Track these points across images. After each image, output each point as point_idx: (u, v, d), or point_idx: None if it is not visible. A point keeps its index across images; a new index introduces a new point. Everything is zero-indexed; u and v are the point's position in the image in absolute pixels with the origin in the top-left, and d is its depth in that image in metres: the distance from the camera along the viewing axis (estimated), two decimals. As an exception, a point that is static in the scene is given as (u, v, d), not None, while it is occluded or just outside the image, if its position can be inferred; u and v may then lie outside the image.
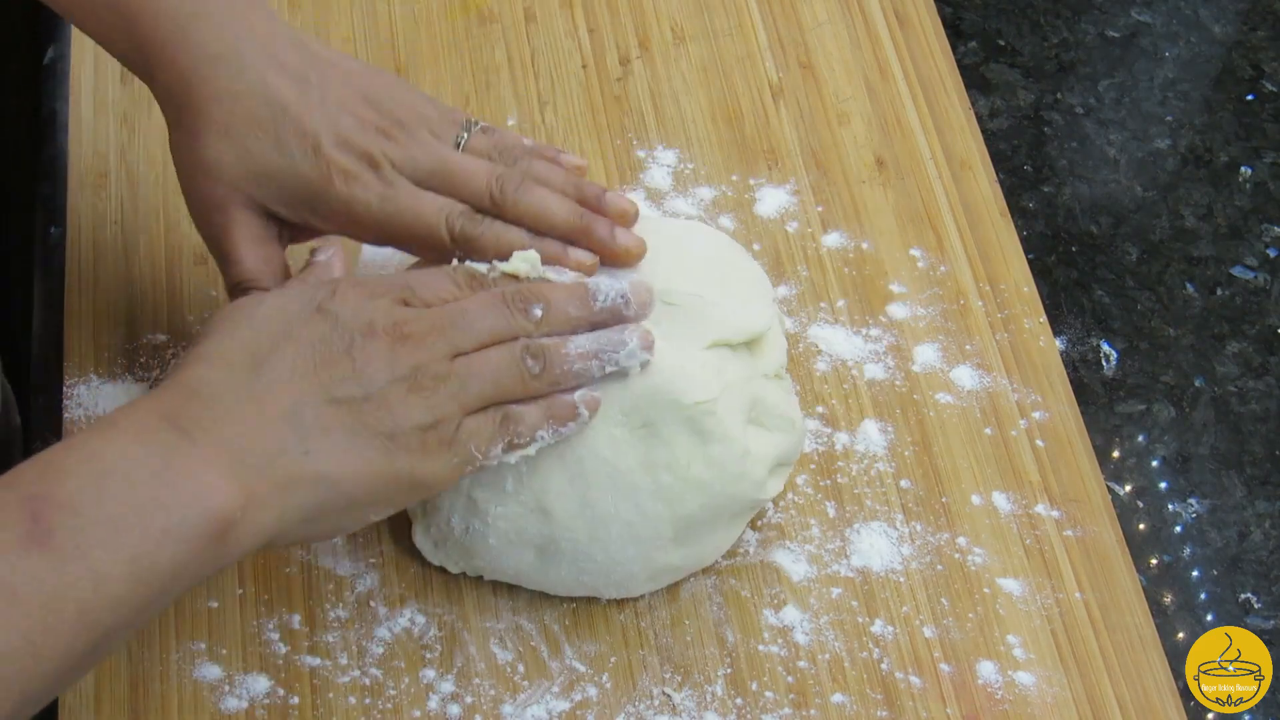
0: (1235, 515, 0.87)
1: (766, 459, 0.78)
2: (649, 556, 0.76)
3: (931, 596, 0.79)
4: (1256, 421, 0.91)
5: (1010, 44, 1.05)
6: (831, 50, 0.98)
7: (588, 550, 0.75)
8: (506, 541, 0.75)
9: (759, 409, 0.78)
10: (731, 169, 0.93)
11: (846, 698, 0.76)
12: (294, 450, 0.64)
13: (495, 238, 0.74)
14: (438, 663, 0.76)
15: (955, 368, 0.86)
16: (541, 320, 0.71)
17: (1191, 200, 1.00)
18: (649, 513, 0.74)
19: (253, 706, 0.74)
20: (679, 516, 0.75)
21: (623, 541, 0.75)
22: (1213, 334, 0.94)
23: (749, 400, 0.77)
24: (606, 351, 0.72)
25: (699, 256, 0.80)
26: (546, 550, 0.76)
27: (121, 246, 0.88)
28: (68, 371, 0.83)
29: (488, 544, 0.75)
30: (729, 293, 0.78)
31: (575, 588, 0.77)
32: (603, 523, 0.74)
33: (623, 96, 0.96)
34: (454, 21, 0.98)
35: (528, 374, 0.70)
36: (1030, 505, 0.82)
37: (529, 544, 0.75)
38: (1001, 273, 0.90)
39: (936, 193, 0.93)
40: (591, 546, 0.75)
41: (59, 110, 0.93)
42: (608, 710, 0.75)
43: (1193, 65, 1.05)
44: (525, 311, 0.71)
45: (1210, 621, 0.84)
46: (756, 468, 0.77)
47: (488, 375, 0.69)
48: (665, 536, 0.75)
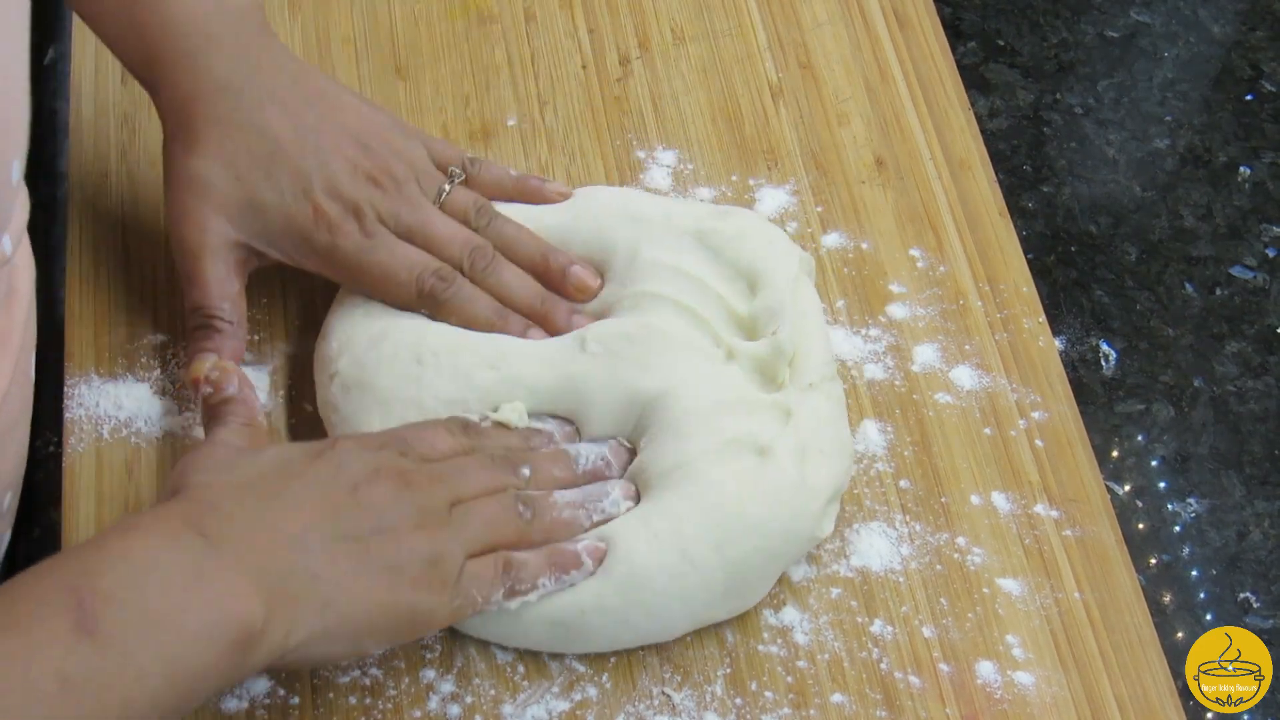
0: (1234, 515, 0.87)
1: (823, 490, 0.76)
2: (694, 614, 0.75)
3: (931, 596, 0.79)
4: (1256, 421, 0.91)
5: (1010, 44, 1.05)
6: (831, 50, 0.98)
7: (623, 614, 0.74)
8: (518, 614, 0.73)
9: (806, 431, 0.77)
10: (731, 169, 0.93)
11: (846, 697, 0.76)
12: (303, 574, 0.65)
13: (463, 304, 0.79)
14: (438, 663, 0.76)
15: (955, 368, 0.86)
16: (529, 481, 0.74)
17: (1191, 200, 1.00)
18: (697, 560, 0.74)
19: (253, 706, 0.74)
20: (730, 562, 0.74)
21: (666, 598, 0.74)
22: (1212, 334, 0.94)
23: (791, 420, 0.76)
24: (592, 502, 0.75)
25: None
26: (569, 623, 0.74)
27: (121, 246, 0.88)
28: (68, 371, 0.83)
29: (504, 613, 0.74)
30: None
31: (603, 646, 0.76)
32: (641, 580, 0.73)
33: (623, 97, 0.96)
34: (454, 21, 0.98)
35: (521, 520, 0.73)
36: (1029, 505, 0.82)
37: (543, 619, 0.74)
38: (1001, 273, 0.90)
39: (936, 193, 0.93)
40: (628, 610, 0.74)
41: (59, 110, 0.94)
42: (608, 710, 0.75)
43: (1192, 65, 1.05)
44: (514, 471, 0.74)
45: (1210, 621, 0.84)
46: (813, 501, 0.76)
47: (486, 518, 0.71)
48: (716, 590, 0.74)
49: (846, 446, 0.79)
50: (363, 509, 0.68)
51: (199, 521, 0.64)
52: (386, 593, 0.67)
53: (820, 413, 0.78)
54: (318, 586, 0.65)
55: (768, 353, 0.78)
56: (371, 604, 0.67)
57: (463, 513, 0.71)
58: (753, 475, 0.75)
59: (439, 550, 0.69)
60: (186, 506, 0.65)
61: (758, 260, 0.81)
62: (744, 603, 0.77)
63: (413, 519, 0.69)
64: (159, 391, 0.83)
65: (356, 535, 0.67)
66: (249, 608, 0.62)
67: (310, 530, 0.66)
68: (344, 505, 0.68)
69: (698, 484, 0.74)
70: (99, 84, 0.94)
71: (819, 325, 0.81)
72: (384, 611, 0.67)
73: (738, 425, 0.75)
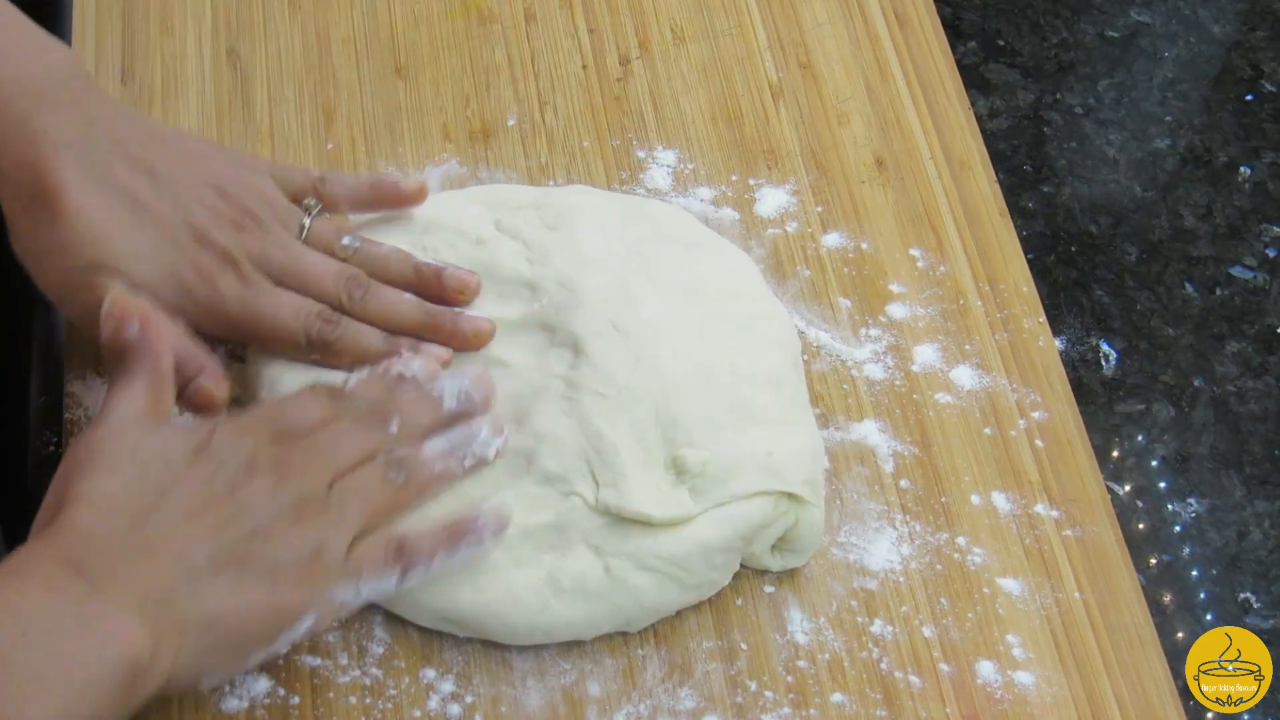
0: (1234, 515, 0.87)
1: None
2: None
3: (931, 596, 0.79)
4: (1256, 421, 0.91)
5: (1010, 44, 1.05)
6: (831, 50, 0.98)
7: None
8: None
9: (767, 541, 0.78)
10: (731, 169, 0.93)
11: (846, 697, 0.76)
12: (184, 594, 0.65)
13: (352, 342, 0.78)
14: (438, 663, 0.76)
15: (955, 368, 0.86)
16: (399, 433, 0.74)
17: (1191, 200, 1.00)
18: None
19: (253, 706, 0.74)
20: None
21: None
22: (1212, 334, 0.94)
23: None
24: (461, 446, 0.75)
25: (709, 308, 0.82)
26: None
27: (122, 246, 0.88)
28: (68, 371, 0.83)
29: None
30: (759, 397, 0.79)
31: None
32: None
33: (623, 96, 0.96)
34: (454, 21, 0.98)
35: (394, 485, 0.72)
36: (1030, 505, 0.82)
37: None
38: (1001, 273, 0.90)
39: (936, 193, 0.93)
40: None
41: (59, 110, 0.93)
42: (608, 709, 0.75)
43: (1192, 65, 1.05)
44: (383, 428, 0.74)
45: (1210, 621, 0.84)
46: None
47: (360, 495, 0.71)
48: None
49: (807, 548, 0.79)
50: (241, 512, 0.68)
51: (77, 558, 0.63)
52: (268, 596, 0.67)
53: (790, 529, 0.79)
54: (200, 604, 0.65)
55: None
56: (254, 610, 0.67)
57: (340, 493, 0.70)
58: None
59: (320, 541, 0.69)
60: (62, 540, 0.64)
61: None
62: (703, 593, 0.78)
63: (291, 512, 0.69)
64: (159, 391, 0.83)
65: (236, 542, 0.67)
66: (135, 644, 0.62)
67: (191, 545, 0.66)
68: (224, 511, 0.67)
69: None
70: (99, 84, 0.93)
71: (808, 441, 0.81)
72: (267, 615, 0.67)
73: None
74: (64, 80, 0.75)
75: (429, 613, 0.75)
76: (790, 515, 0.77)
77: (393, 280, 0.81)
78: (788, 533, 0.78)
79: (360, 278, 0.79)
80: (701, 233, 0.87)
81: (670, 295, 0.82)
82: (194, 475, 0.68)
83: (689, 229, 0.87)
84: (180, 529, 0.66)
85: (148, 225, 0.74)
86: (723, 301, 0.83)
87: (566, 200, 0.86)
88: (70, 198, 0.72)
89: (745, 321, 0.82)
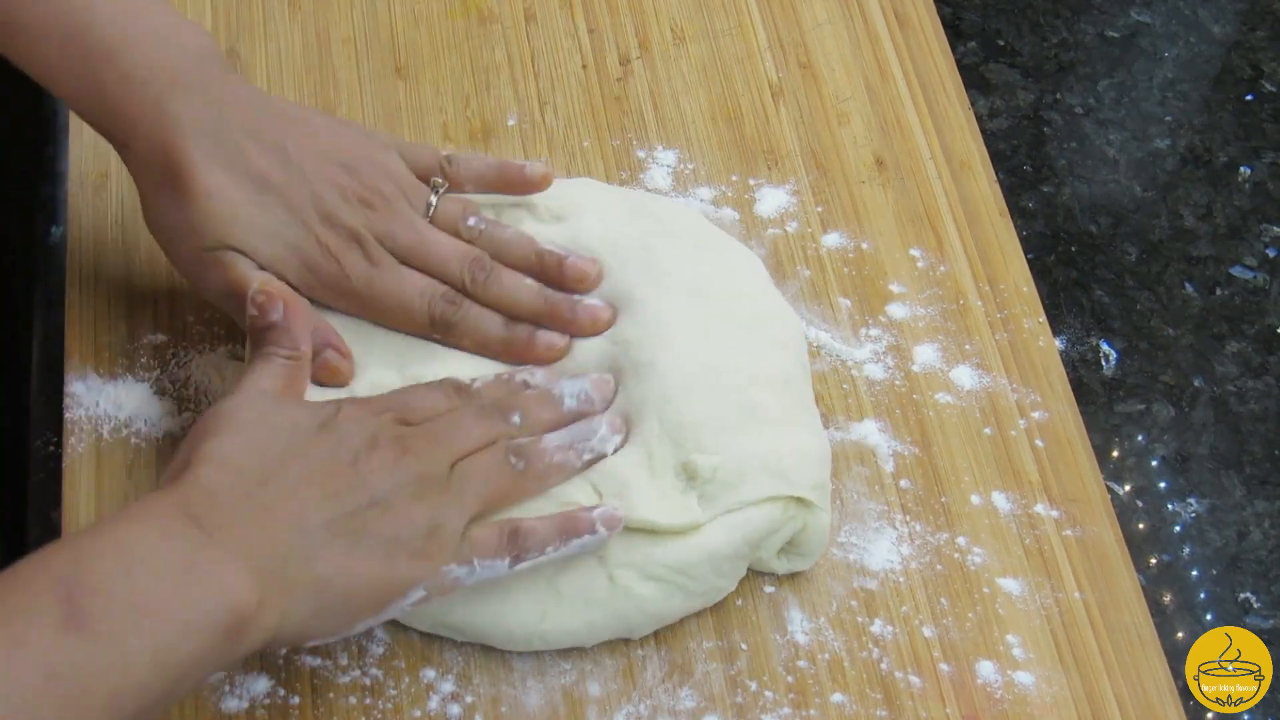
0: (1234, 515, 0.87)
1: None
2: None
3: (931, 596, 0.79)
4: (1256, 421, 0.91)
5: (1010, 44, 1.05)
6: (831, 50, 0.98)
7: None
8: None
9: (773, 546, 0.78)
10: (731, 169, 0.93)
11: (846, 697, 0.76)
12: (298, 556, 0.66)
13: (473, 325, 0.80)
14: (438, 663, 0.76)
15: (955, 368, 0.86)
16: (520, 426, 0.75)
17: (1191, 200, 1.00)
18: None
19: (253, 706, 0.74)
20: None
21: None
22: (1212, 334, 0.94)
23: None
24: (580, 441, 0.76)
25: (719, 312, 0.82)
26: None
27: (121, 246, 0.88)
28: (68, 371, 0.83)
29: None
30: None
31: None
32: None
33: (623, 96, 0.96)
34: (454, 21, 0.98)
35: (514, 472, 0.73)
36: (1030, 505, 0.82)
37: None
38: (1001, 273, 0.90)
39: (936, 193, 0.93)
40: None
41: (59, 110, 0.93)
42: (608, 710, 0.75)
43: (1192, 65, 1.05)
44: (505, 419, 0.75)
45: (1210, 621, 0.84)
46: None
47: (480, 477, 0.72)
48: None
49: (813, 550, 0.79)
50: (362, 483, 0.69)
51: (195, 510, 0.64)
52: (382, 567, 0.68)
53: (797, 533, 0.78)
54: (313, 567, 0.66)
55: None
56: (367, 580, 0.67)
57: (460, 474, 0.72)
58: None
59: (438, 520, 0.70)
60: (184, 493, 0.65)
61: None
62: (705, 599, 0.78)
63: (411, 488, 0.70)
64: (159, 391, 0.83)
65: (355, 511, 0.68)
66: (242, 596, 0.63)
67: (308, 510, 0.67)
68: (344, 481, 0.68)
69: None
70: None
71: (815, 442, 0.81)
72: (381, 586, 0.68)
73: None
74: (198, 64, 0.77)
75: (426, 618, 0.75)
76: (798, 520, 0.77)
77: (514, 264, 0.82)
78: (795, 537, 0.78)
79: (484, 260, 0.81)
80: (708, 230, 0.87)
81: (675, 294, 0.82)
82: (318, 446, 0.69)
83: (695, 226, 0.87)
84: (300, 493, 0.67)
85: (276, 205, 0.76)
86: (728, 300, 0.83)
87: (572, 194, 0.86)
88: (201, 179, 0.75)
89: (752, 321, 0.82)
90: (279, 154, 0.77)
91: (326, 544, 0.67)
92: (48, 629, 0.58)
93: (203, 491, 0.66)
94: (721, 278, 0.84)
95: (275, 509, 0.66)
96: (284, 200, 0.77)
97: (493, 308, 0.81)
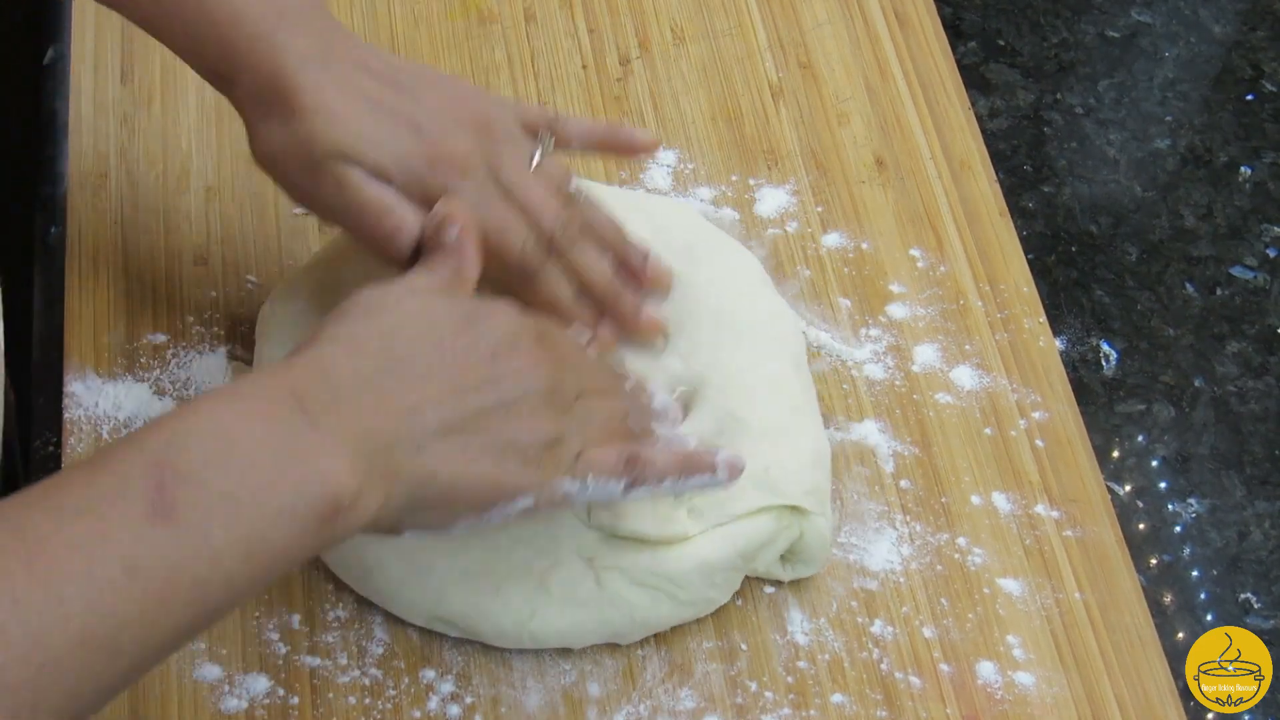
0: (1235, 515, 0.87)
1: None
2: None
3: (931, 596, 0.79)
4: (1256, 421, 0.91)
5: (1010, 44, 1.05)
6: (831, 50, 0.98)
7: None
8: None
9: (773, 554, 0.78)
10: (731, 169, 0.93)
11: (846, 698, 0.76)
12: (408, 445, 0.64)
13: (550, 281, 0.79)
14: (438, 663, 0.76)
15: (955, 368, 0.86)
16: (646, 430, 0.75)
17: (1191, 200, 1.00)
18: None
19: (253, 706, 0.74)
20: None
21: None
22: (1212, 334, 0.94)
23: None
24: (690, 476, 0.73)
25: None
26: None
27: (121, 246, 0.88)
28: (68, 371, 0.83)
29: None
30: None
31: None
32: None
33: (623, 96, 0.96)
34: (454, 21, 0.98)
35: (629, 430, 0.73)
36: (1030, 505, 0.82)
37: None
38: (1001, 273, 0.90)
39: (936, 193, 0.93)
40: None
41: (59, 110, 0.93)
42: (608, 710, 0.75)
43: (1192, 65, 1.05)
44: (634, 399, 0.75)
45: (1210, 621, 0.84)
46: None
47: (603, 416, 0.72)
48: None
49: (817, 558, 0.79)
50: (493, 382, 0.67)
51: (303, 390, 0.63)
52: (493, 467, 0.67)
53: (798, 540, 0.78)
54: (420, 457, 0.65)
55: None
56: (475, 478, 0.66)
57: (585, 406, 0.71)
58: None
59: (560, 433, 0.69)
60: (297, 372, 0.64)
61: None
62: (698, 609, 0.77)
63: (539, 398, 0.69)
64: (159, 391, 0.83)
65: (479, 409, 0.67)
66: (340, 483, 0.61)
67: (427, 403, 0.65)
68: (476, 376, 0.67)
69: None
70: (99, 84, 0.94)
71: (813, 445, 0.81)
72: (487, 486, 0.67)
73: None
74: (306, 7, 0.77)
75: (422, 611, 0.75)
76: (794, 528, 0.77)
77: (601, 242, 0.81)
78: (794, 545, 0.77)
79: (575, 224, 0.80)
80: (703, 228, 0.87)
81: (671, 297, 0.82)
82: (457, 339, 0.68)
83: (690, 224, 0.87)
84: (424, 385, 0.66)
85: (387, 120, 0.76)
86: (724, 303, 0.83)
87: None
88: (309, 96, 0.74)
89: (746, 323, 0.82)
90: (390, 81, 0.77)
91: (440, 438, 0.65)
92: (133, 519, 0.57)
93: (317, 370, 0.64)
94: (719, 279, 0.83)
95: (393, 396, 0.65)
96: (395, 114, 0.76)
97: (569, 271, 0.80)
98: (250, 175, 0.91)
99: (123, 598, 0.56)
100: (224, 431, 0.60)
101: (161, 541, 0.57)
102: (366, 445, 0.63)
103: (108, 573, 0.56)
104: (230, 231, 0.89)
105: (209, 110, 0.93)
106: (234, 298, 0.86)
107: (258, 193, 0.90)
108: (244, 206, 0.90)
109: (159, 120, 0.92)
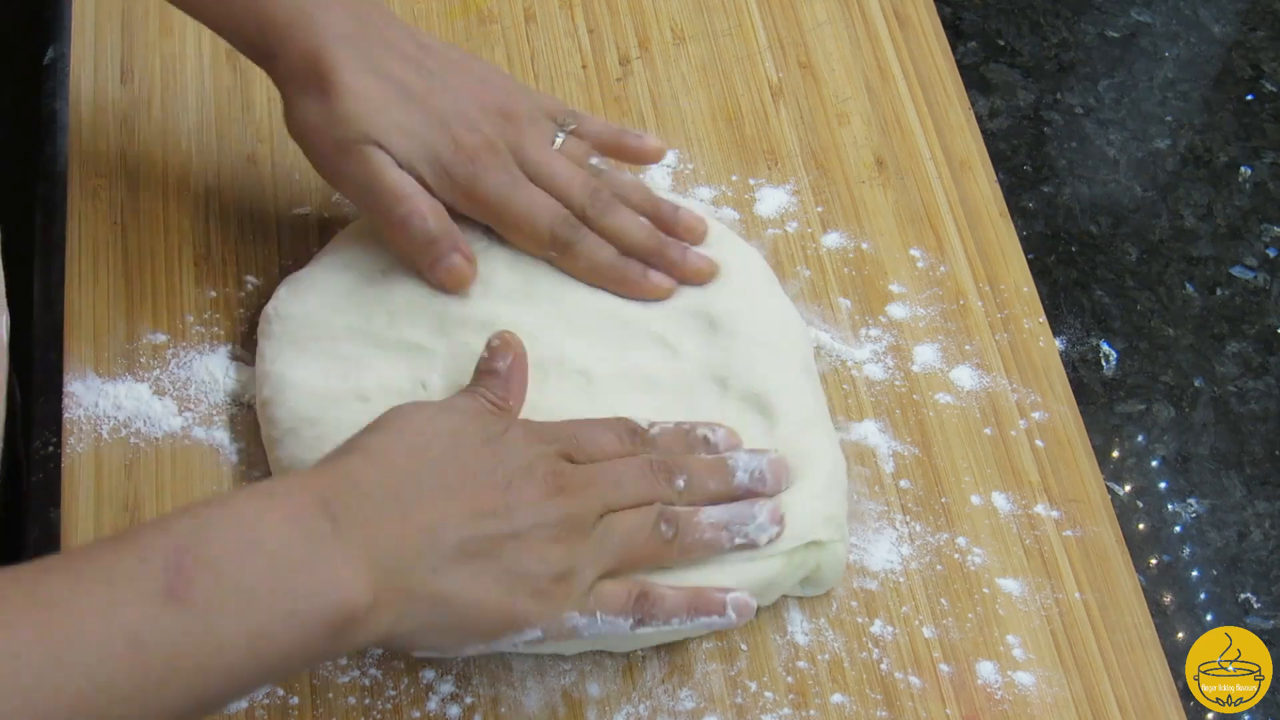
0: (1235, 515, 0.87)
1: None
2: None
3: (931, 596, 0.79)
4: (1256, 421, 0.91)
5: (1010, 44, 1.05)
6: (831, 50, 0.98)
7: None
8: None
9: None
10: (731, 169, 0.93)
11: (846, 698, 0.76)
12: (425, 566, 0.65)
13: (588, 250, 0.82)
14: (437, 663, 0.76)
15: (955, 368, 0.86)
16: (684, 491, 0.74)
17: (1191, 200, 1.00)
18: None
19: (253, 707, 0.74)
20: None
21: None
22: (1212, 334, 0.94)
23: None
24: (736, 524, 0.74)
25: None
26: None
27: (121, 246, 0.88)
28: (67, 371, 0.83)
29: None
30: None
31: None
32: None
33: (623, 96, 0.96)
34: (454, 21, 0.98)
35: (661, 538, 0.72)
36: (1030, 505, 0.82)
37: None
38: (1001, 273, 0.90)
39: (936, 193, 0.93)
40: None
41: (59, 110, 0.93)
42: (607, 710, 0.75)
43: (1192, 65, 1.05)
44: (670, 481, 0.74)
45: (1210, 621, 0.84)
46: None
47: (625, 535, 0.71)
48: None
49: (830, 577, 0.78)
50: (508, 511, 0.68)
51: (332, 498, 0.64)
52: (504, 598, 0.67)
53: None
54: (436, 581, 0.65)
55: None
56: (486, 607, 0.67)
57: (605, 527, 0.71)
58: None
59: (571, 566, 0.69)
60: (327, 479, 0.65)
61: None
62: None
63: (553, 529, 0.69)
64: (158, 391, 0.83)
65: (493, 536, 0.67)
66: (355, 594, 0.62)
67: (447, 523, 0.66)
68: (491, 502, 0.68)
69: None
70: (99, 84, 0.94)
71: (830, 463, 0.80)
72: (497, 616, 0.67)
73: None
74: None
75: None
76: (811, 559, 0.76)
77: (632, 205, 0.84)
78: (811, 573, 0.77)
79: (604, 191, 0.83)
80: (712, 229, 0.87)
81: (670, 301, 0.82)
82: (477, 459, 0.69)
83: None
84: (443, 504, 0.67)
85: (416, 107, 0.79)
86: (726, 302, 0.82)
87: None
88: (344, 77, 0.78)
89: (750, 329, 0.82)
90: (420, 66, 0.80)
91: (456, 561, 0.66)
92: (146, 595, 0.57)
93: (347, 480, 0.65)
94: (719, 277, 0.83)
95: (415, 512, 0.66)
96: (424, 104, 0.79)
97: (607, 237, 0.82)
98: (250, 175, 0.91)
99: (122, 671, 0.56)
100: (249, 526, 0.61)
101: (170, 621, 0.57)
102: (386, 561, 0.64)
103: (111, 643, 0.56)
104: (230, 231, 0.89)
105: (209, 111, 0.93)
106: (234, 298, 0.87)
107: (258, 193, 0.90)
108: (244, 206, 0.90)
109: (159, 120, 0.92)
